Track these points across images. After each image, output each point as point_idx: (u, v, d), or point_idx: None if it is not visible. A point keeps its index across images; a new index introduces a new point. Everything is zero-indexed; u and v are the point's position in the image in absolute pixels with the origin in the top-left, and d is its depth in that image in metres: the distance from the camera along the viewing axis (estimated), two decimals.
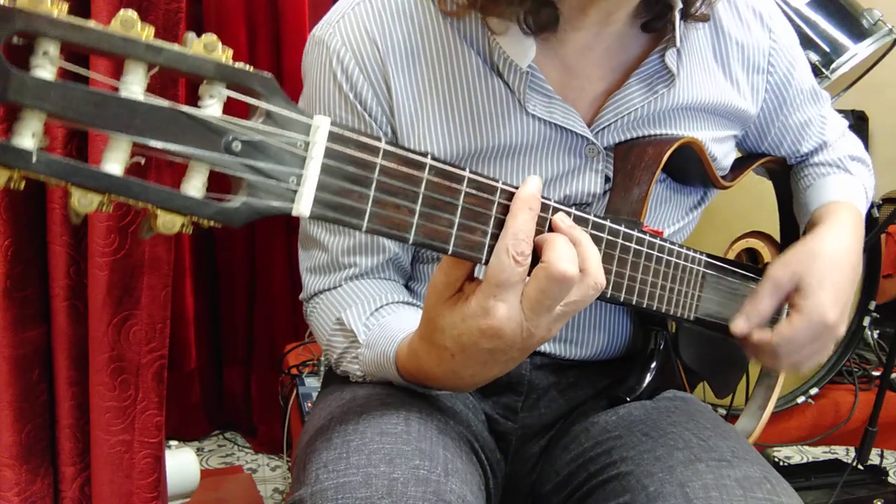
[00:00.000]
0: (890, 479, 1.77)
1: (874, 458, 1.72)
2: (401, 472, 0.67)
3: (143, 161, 0.42)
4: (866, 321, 1.67)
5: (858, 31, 1.54)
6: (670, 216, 0.93)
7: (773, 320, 0.92)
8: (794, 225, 1.09)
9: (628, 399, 0.89)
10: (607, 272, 0.70)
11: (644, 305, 0.76)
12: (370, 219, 0.52)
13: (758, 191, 1.15)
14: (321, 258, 0.87)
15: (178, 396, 2.23)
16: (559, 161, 0.84)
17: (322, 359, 1.77)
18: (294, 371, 1.78)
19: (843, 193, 0.99)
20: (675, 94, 0.87)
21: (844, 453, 2.30)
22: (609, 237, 0.69)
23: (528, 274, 0.60)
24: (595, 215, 0.68)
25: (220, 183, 0.47)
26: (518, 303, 0.59)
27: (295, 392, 1.66)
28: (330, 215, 0.49)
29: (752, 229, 1.19)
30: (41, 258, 1.02)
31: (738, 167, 1.02)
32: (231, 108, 0.46)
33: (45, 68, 0.39)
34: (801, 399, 1.64)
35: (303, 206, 0.48)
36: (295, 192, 0.48)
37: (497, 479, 0.91)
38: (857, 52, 1.53)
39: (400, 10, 0.80)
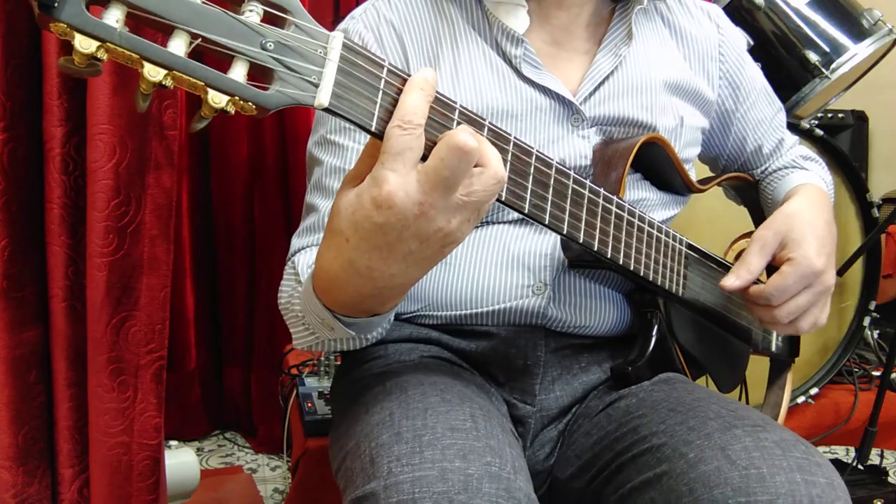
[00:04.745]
0: (890, 479, 1.77)
1: (874, 458, 1.72)
2: (475, 469, 0.68)
3: (199, 41, 0.54)
4: (866, 321, 1.67)
5: (858, 31, 1.54)
6: (650, 213, 0.96)
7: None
8: None
9: (629, 369, 0.92)
10: (576, 218, 0.76)
11: (631, 268, 0.83)
12: (377, 123, 0.61)
13: None
14: (310, 220, 0.93)
15: (178, 397, 2.23)
16: (549, 128, 0.93)
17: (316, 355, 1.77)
18: (294, 371, 1.77)
19: (803, 181, 1.07)
20: (637, 59, 0.96)
21: (844, 453, 2.30)
22: (591, 195, 0.77)
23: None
24: (558, 164, 0.73)
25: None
26: (408, 173, 0.60)
27: (295, 392, 1.65)
28: (344, 108, 0.59)
29: (751, 229, 1.19)
30: (39, 258, 1.02)
31: (709, 178, 1.09)
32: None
33: None
34: (801, 399, 1.64)
35: (322, 97, 0.58)
36: (317, 85, 0.58)
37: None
38: (857, 52, 1.52)
39: (414, 1, 0.95)
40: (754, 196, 1.16)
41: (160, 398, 1.07)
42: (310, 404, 1.49)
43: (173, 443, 1.59)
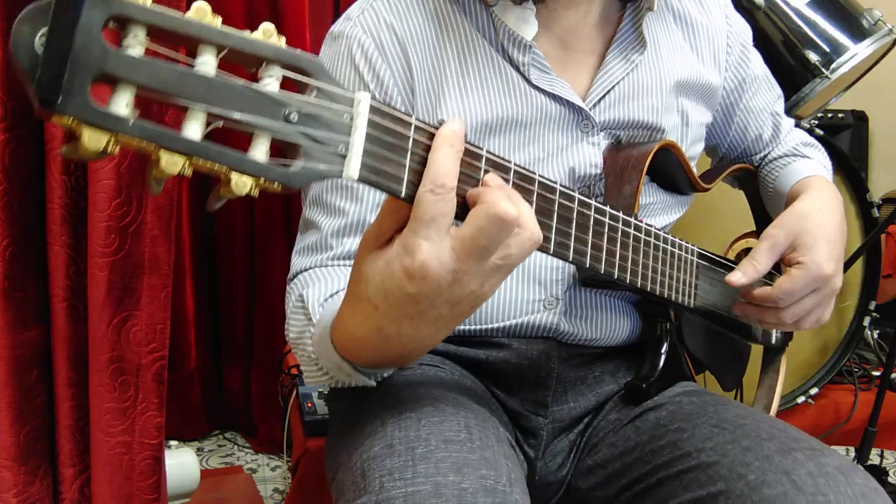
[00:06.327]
0: (890, 479, 1.77)
1: (874, 458, 1.72)
2: (469, 482, 0.67)
3: (220, 124, 0.48)
4: (866, 321, 1.67)
5: (858, 31, 1.54)
6: (656, 216, 0.98)
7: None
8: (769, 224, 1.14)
9: (644, 385, 0.91)
10: (597, 248, 0.73)
11: (638, 285, 0.81)
12: (407, 187, 0.57)
13: None
14: (312, 239, 0.89)
15: (178, 397, 2.23)
16: (557, 136, 0.90)
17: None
18: (294, 371, 1.77)
19: (809, 171, 1.05)
20: (649, 63, 0.94)
21: (844, 453, 2.30)
22: (611, 222, 0.74)
23: (461, 219, 0.59)
24: (580, 196, 0.70)
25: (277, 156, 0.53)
26: (442, 240, 0.57)
27: (295, 392, 1.65)
28: (373, 179, 0.55)
29: (751, 229, 1.19)
30: (40, 258, 1.02)
31: (712, 173, 1.08)
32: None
33: (135, 48, 0.45)
34: (801, 399, 1.64)
35: (351, 169, 0.53)
36: (344, 157, 0.53)
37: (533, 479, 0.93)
38: (857, 52, 1.52)
39: (415, 2, 0.88)
40: (755, 185, 1.15)
41: (161, 398, 1.07)
42: (310, 404, 1.49)
43: (173, 443, 1.59)
